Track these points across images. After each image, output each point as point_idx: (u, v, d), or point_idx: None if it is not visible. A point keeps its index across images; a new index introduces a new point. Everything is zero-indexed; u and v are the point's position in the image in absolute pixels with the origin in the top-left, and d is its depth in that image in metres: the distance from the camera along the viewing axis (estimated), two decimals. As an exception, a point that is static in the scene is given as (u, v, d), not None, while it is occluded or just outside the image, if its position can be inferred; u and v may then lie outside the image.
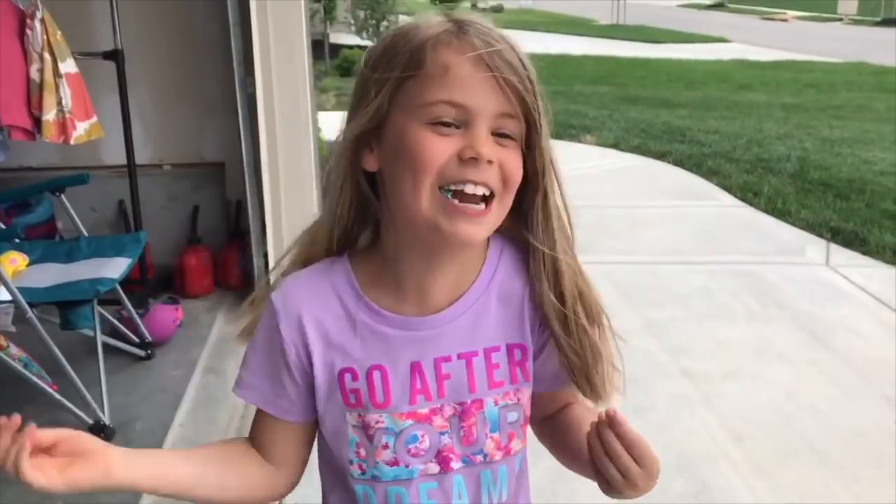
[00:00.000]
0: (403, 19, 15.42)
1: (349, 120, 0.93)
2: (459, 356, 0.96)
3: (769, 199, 5.53)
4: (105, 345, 2.90)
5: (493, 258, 0.98)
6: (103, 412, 2.63)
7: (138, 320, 3.12)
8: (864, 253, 4.65)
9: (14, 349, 2.52)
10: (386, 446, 0.95)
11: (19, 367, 2.50)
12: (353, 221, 0.97)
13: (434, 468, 0.96)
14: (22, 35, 3.01)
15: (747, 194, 5.67)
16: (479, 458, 0.98)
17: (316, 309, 0.95)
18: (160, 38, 3.74)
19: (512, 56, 0.89)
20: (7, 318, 2.53)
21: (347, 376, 0.95)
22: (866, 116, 10.13)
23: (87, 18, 3.55)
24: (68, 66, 3.09)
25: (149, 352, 3.13)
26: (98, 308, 2.82)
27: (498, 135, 0.88)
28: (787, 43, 21.58)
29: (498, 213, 0.90)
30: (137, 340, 3.14)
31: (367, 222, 0.98)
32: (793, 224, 5.12)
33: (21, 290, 2.53)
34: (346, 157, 0.92)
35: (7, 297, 2.51)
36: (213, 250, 3.77)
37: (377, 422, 0.95)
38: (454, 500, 0.98)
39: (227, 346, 3.30)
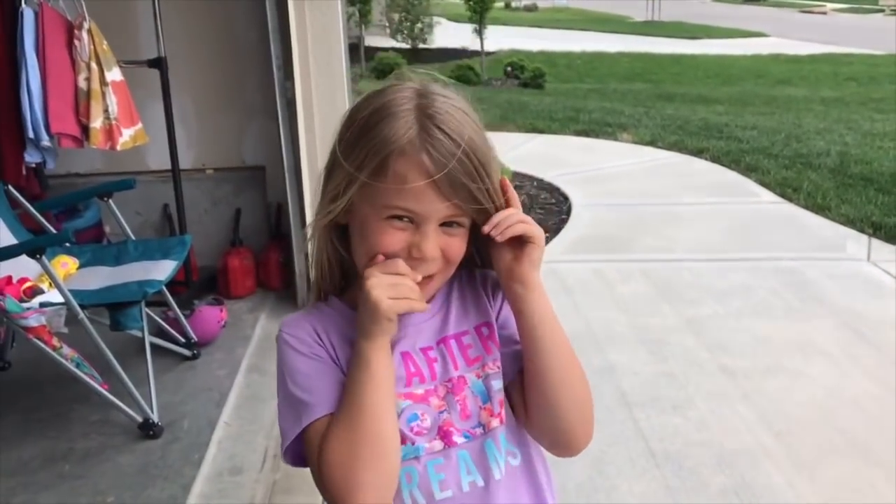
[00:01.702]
0: (437, 21, 15.42)
1: (322, 198, 1.06)
2: (438, 343, 1.09)
3: (809, 194, 5.46)
4: (152, 345, 2.98)
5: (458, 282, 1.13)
6: (152, 410, 2.71)
7: (184, 321, 3.19)
8: (907, 248, 4.59)
9: (67, 350, 2.60)
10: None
11: (72, 366, 2.58)
12: (338, 272, 1.11)
13: (438, 445, 1.05)
14: (70, 46, 3.11)
15: (786, 190, 5.61)
16: (479, 430, 1.06)
17: (320, 324, 1.09)
18: (202, 46, 3.82)
19: (469, 175, 0.98)
20: (60, 320, 2.61)
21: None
22: (909, 109, 9.94)
23: (132, 28, 3.64)
24: (114, 74, 3.19)
25: (194, 352, 3.21)
26: (145, 309, 2.90)
27: (447, 224, 1.02)
28: (827, 36, 21.23)
29: (441, 279, 1.06)
30: (183, 341, 3.22)
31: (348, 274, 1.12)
32: (833, 220, 5.05)
33: (72, 292, 2.61)
34: (323, 234, 1.07)
35: (60, 299, 2.60)
36: (255, 252, 3.85)
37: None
38: (462, 474, 1.05)
39: (269, 344, 3.35)
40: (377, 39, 16.18)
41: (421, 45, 16.46)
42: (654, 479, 2.53)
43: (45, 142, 3.10)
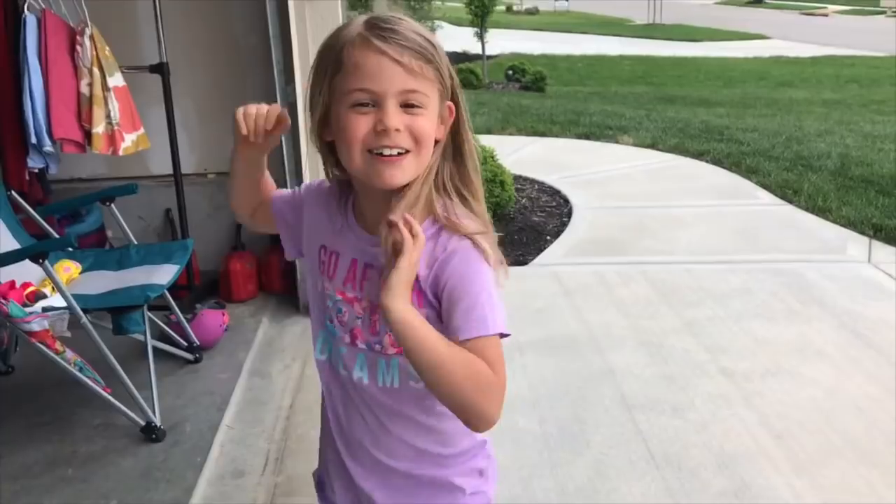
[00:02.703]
0: (438, 25, 15.47)
1: (310, 109, 1.22)
2: (379, 267, 1.21)
3: (809, 196, 5.47)
4: (155, 349, 2.99)
5: (428, 229, 1.19)
6: (154, 414, 2.72)
7: (186, 325, 3.21)
8: (908, 250, 4.59)
9: (70, 353, 2.62)
10: (328, 307, 1.29)
11: (75, 370, 2.60)
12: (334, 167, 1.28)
13: (347, 339, 1.27)
14: (72, 51, 3.13)
15: (787, 192, 5.62)
16: (378, 347, 1.24)
17: (319, 200, 1.32)
18: (203, 51, 3.84)
19: (412, 41, 1.13)
20: (63, 324, 2.62)
21: (322, 250, 1.29)
22: (910, 111, 9.95)
23: (134, 34, 3.67)
24: (116, 80, 3.21)
25: (197, 355, 3.23)
26: (148, 313, 2.92)
27: (407, 105, 1.14)
28: (828, 38, 21.26)
29: (415, 162, 1.17)
30: (186, 344, 3.23)
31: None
32: (834, 221, 5.06)
33: (75, 296, 2.63)
34: (315, 135, 1.23)
35: (62, 303, 2.61)
36: (256, 256, 3.86)
37: (326, 288, 1.29)
38: (355, 369, 1.27)
39: (271, 349, 3.38)
40: (379, 43, 16.20)
41: (422, 49, 16.48)
42: (653, 480, 2.54)
43: (48, 147, 3.12)
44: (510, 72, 13.11)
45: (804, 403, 3.00)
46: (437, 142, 1.20)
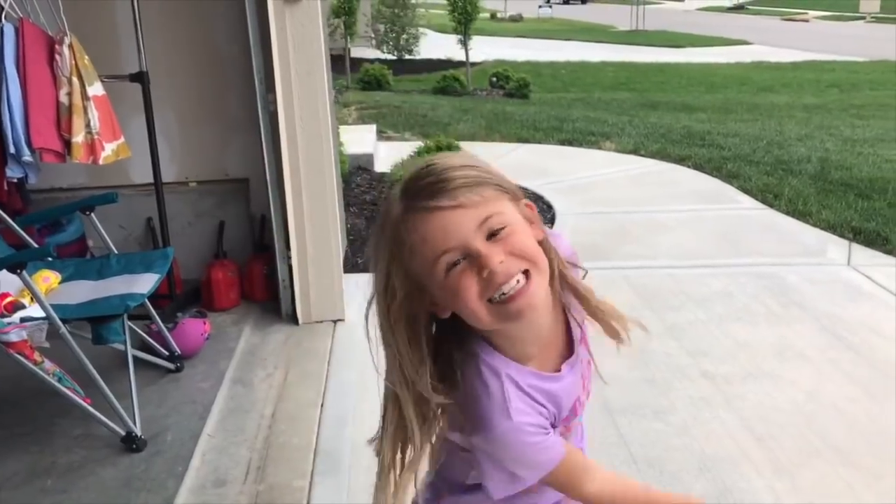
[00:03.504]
0: (422, 32, 15.47)
1: (379, 313, 1.13)
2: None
3: (790, 200, 5.51)
4: (135, 358, 2.98)
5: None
6: (135, 424, 2.71)
7: (167, 334, 3.20)
8: (887, 252, 4.63)
9: (48, 364, 2.60)
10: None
11: (54, 381, 2.58)
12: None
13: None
14: (51, 61, 3.12)
15: (767, 196, 5.66)
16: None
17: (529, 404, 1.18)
18: (183, 60, 3.84)
19: (454, 180, 1.05)
20: (41, 335, 2.61)
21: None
22: (889, 115, 10.06)
23: (114, 43, 3.66)
24: (96, 89, 3.20)
25: (178, 365, 3.21)
26: (128, 323, 2.90)
27: (492, 235, 1.06)
28: (809, 43, 21.46)
29: (539, 279, 1.09)
30: (167, 354, 3.22)
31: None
32: (814, 225, 5.10)
33: (54, 306, 2.61)
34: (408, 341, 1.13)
35: (41, 314, 2.60)
36: (238, 264, 3.85)
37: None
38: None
39: (253, 357, 3.37)
40: (363, 51, 16.24)
41: (406, 56, 16.53)
42: (635, 484, 2.54)
43: (27, 157, 3.11)
44: (494, 79, 13.16)
45: (784, 406, 3.01)
46: (540, 242, 1.13)
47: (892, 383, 3.16)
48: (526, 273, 1.07)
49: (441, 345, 1.16)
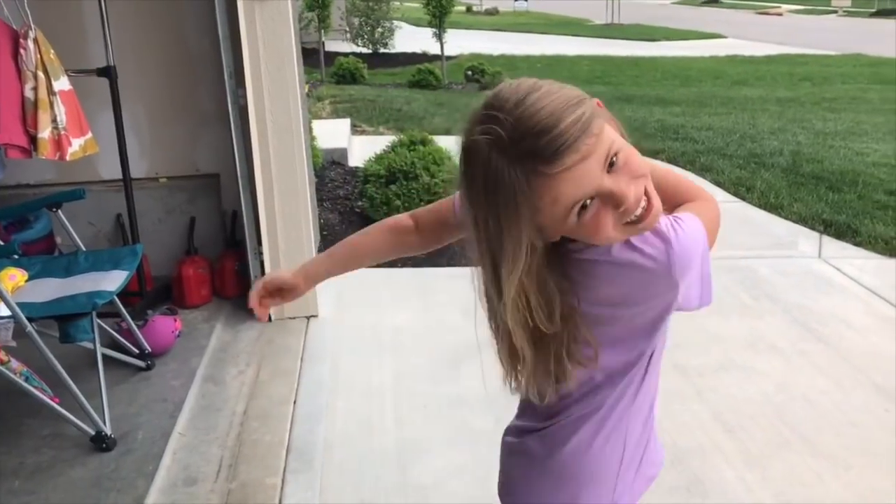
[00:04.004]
0: (397, 25, 15.38)
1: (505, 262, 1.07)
2: None
3: (762, 193, 5.56)
4: (105, 357, 2.94)
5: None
6: (104, 423, 2.67)
7: (137, 332, 3.16)
8: (857, 244, 4.69)
9: (15, 363, 2.57)
10: None
11: (21, 380, 2.55)
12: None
13: None
14: (16, 55, 3.06)
15: (740, 189, 5.71)
16: None
17: None
18: (152, 54, 3.79)
19: (564, 131, 0.99)
20: (7, 333, 2.57)
21: None
22: (861, 108, 10.17)
23: (80, 36, 3.60)
24: (62, 83, 3.14)
25: (148, 362, 3.18)
26: (97, 321, 2.86)
27: (611, 165, 1.03)
28: (782, 37, 21.64)
29: (654, 190, 1.08)
30: (137, 352, 3.18)
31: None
32: (785, 218, 5.16)
33: (20, 305, 2.58)
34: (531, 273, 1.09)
35: (7, 312, 2.56)
36: (210, 261, 3.82)
37: None
38: None
39: (225, 354, 3.35)
40: (337, 44, 16.16)
41: (381, 50, 16.46)
42: (607, 477, 2.55)
43: (-8, 153, 3.06)
44: (469, 72, 13.14)
45: (755, 397, 3.04)
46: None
47: (861, 374, 3.21)
48: (645, 195, 1.07)
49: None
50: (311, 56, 11.97)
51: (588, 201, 1.03)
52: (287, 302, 1.45)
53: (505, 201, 1.03)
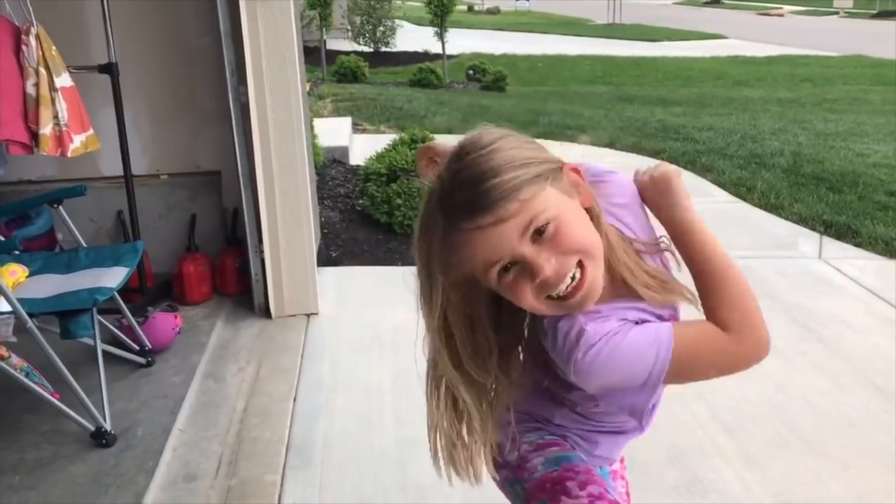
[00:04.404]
0: (399, 24, 15.43)
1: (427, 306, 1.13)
2: None
3: (762, 194, 5.56)
4: (105, 353, 2.94)
5: None
6: (105, 419, 2.68)
7: (138, 328, 3.16)
8: (857, 245, 4.69)
9: (15, 359, 2.57)
10: None
11: (21, 376, 2.55)
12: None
13: None
14: (17, 51, 3.07)
15: (741, 190, 5.71)
16: None
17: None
18: (153, 51, 3.79)
19: (491, 194, 1.01)
20: (8, 329, 2.57)
21: None
22: (862, 109, 10.17)
23: (82, 33, 3.61)
24: (63, 80, 3.15)
25: (149, 359, 3.18)
26: (98, 317, 2.86)
27: (534, 234, 1.03)
28: (784, 38, 21.63)
29: (594, 268, 1.07)
30: (137, 348, 3.19)
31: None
32: (786, 218, 5.15)
33: (21, 300, 2.58)
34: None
35: (7, 308, 2.56)
36: (210, 258, 3.82)
37: None
38: None
39: (226, 351, 3.35)
40: (339, 43, 16.16)
41: (383, 49, 16.47)
42: (607, 476, 2.55)
43: (-7, 149, 3.06)
44: (471, 71, 13.15)
45: (755, 397, 3.04)
46: (588, 210, 1.10)
47: (860, 375, 3.21)
48: (580, 264, 1.05)
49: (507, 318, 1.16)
50: (313, 54, 11.97)
51: (510, 266, 1.03)
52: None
53: (429, 245, 1.07)
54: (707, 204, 5.54)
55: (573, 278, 1.05)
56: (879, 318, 3.74)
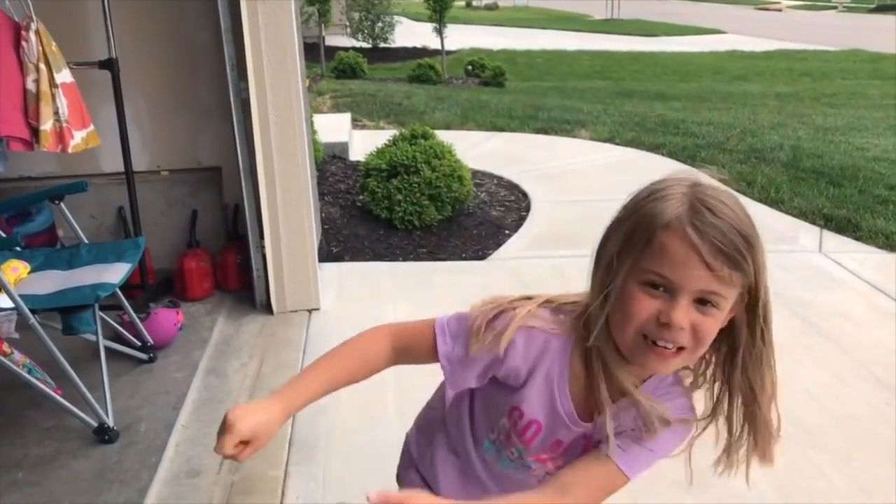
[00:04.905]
0: (398, 20, 15.39)
1: (597, 262, 1.17)
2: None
3: (762, 188, 5.57)
4: (107, 349, 2.94)
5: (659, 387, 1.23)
6: (107, 415, 2.68)
7: (140, 324, 3.16)
8: (857, 239, 4.70)
9: (18, 355, 2.57)
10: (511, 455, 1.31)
11: (23, 372, 2.55)
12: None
13: (514, 456, 1.32)
14: (17, 47, 3.06)
15: (741, 184, 5.71)
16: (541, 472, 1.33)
17: (538, 362, 1.22)
18: (154, 46, 3.79)
19: (730, 243, 1.05)
20: (10, 326, 2.57)
21: (516, 413, 1.25)
22: (860, 103, 10.17)
23: (82, 29, 3.60)
24: (64, 76, 3.14)
25: (151, 355, 3.18)
26: (100, 313, 2.87)
27: (700, 301, 1.08)
28: (782, 32, 21.62)
29: (687, 358, 1.13)
30: (139, 344, 3.19)
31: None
32: (786, 212, 5.16)
33: (23, 297, 2.58)
34: (599, 280, 1.16)
35: (10, 304, 2.56)
36: (212, 253, 3.82)
37: (514, 442, 1.28)
38: (505, 467, 1.35)
39: (228, 347, 3.35)
40: (338, 39, 16.15)
41: (382, 45, 16.45)
42: (609, 470, 2.56)
43: (-6, 145, 3.05)
44: (469, 67, 13.15)
45: (757, 391, 3.04)
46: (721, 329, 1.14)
47: (862, 368, 3.21)
48: (682, 348, 1.10)
49: None
50: (312, 51, 11.96)
51: (663, 287, 1.07)
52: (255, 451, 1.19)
53: (642, 214, 1.10)
54: (707, 198, 5.55)
55: (672, 346, 1.10)
56: (880, 312, 3.75)
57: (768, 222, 5.03)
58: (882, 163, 6.21)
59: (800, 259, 4.43)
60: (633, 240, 1.10)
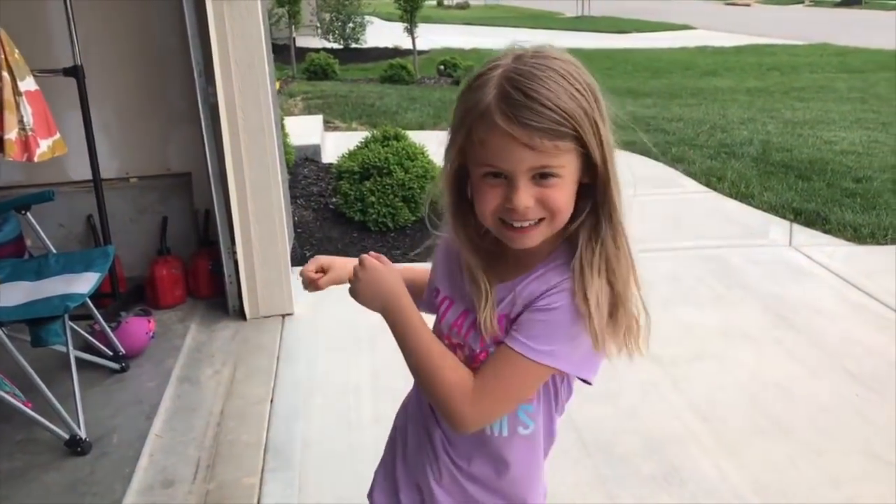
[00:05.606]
0: (369, 20, 15.24)
1: (445, 158, 1.20)
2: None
3: (733, 183, 5.62)
4: (78, 359, 2.91)
5: (540, 268, 1.20)
6: (79, 426, 2.65)
7: (111, 334, 3.13)
8: (826, 232, 4.76)
9: (-14, 369, 2.53)
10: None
11: (-8, 386, 2.51)
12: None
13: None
14: (-21, 56, 3.01)
15: (711, 180, 5.76)
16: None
17: (445, 254, 1.36)
18: (120, 52, 3.75)
19: (547, 118, 1.05)
20: (-23, 338, 2.53)
21: (436, 295, 1.37)
22: (828, 97, 10.29)
23: (45, 36, 3.55)
24: (28, 84, 3.10)
25: (123, 364, 3.15)
26: (70, 323, 2.83)
27: (540, 175, 1.10)
28: (751, 28, 21.82)
29: (548, 228, 1.15)
30: (111, 354, 3.15)
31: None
32: (756, 207, 5.21)
33: (-10, 309, 2.54)
34: (446, 186, 1.21)
35: (-24, 317, 2.52)
36: (183, 260, 3.79)
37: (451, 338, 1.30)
38: None
39: (201, 354, 3.32)
40: (308, 40, 16.05)
41: (353, 45, 16.39)
42: (585, 468, 2.57)
43: (-43, 155, 3.00)
44: (442, 67, 13.12)
45: (730, 386, 3.07)
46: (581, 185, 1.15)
47: (832, 360, 3.25)
48: (540, 221, 1.13)
49: None
50: (282, 52, 11.89)
51: (501, 175, 1.10)
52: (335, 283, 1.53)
53: (468, 107, 1.11)
54: (678, 195, 5.59)
55: (527, 223, 1.13)
56: (849, 304, 3.79)
57: (739, 217, 5.08)
58: (849, 156, 6.29)
59: (770, 253, 4.47)
60: (462, 136, 1.13)
